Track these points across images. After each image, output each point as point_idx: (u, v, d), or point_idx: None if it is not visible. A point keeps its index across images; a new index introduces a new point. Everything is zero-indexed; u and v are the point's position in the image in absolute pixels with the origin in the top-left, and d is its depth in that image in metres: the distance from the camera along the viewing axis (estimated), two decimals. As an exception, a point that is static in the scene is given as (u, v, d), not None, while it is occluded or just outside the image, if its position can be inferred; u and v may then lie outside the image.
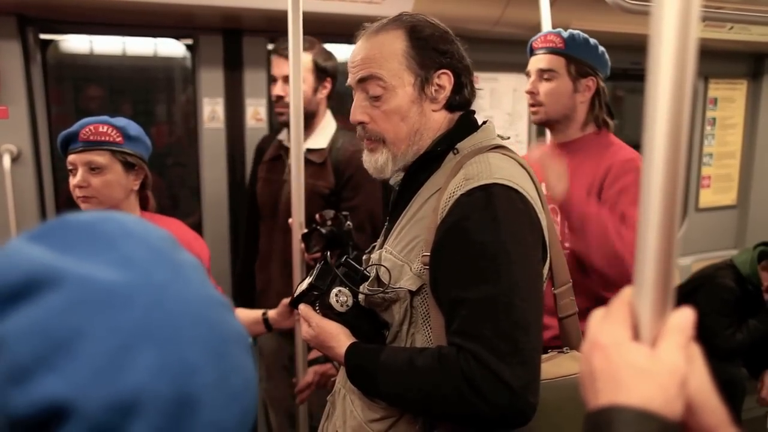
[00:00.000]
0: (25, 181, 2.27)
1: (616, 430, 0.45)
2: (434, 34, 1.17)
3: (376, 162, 1.22)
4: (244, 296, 2.44)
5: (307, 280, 1.22)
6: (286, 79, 2.12)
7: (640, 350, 0.49)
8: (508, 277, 1.03)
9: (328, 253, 1.23)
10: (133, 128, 1.66)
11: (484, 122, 1.24)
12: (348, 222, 1.58)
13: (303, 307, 1.24)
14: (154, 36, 2.66)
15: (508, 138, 1.27)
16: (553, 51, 1.84)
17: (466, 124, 1.22)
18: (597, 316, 0.53)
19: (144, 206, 1.79)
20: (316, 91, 2.18)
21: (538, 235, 1.11)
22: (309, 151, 2.16)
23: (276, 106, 2.25)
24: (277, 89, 2.18)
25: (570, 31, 1.86)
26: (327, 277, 1.19)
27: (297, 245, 1.75)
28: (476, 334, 1.02)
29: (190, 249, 1.61)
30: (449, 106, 1.20)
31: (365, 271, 1.20)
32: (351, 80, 1.21)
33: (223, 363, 0.49)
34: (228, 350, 0.50)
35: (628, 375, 0.47)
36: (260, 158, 2.40)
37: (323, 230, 1.58)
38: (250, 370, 0.52)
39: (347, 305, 1.18)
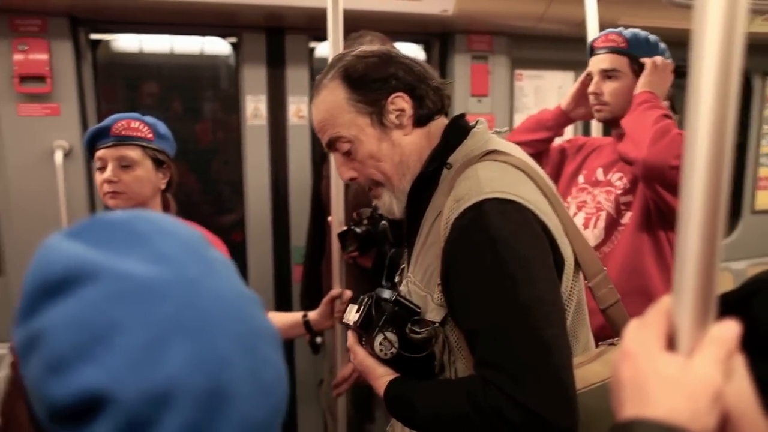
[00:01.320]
0: (76, 175, 2.34)
1: None
2: (367, 65, 1.15)
3: (384, 205, 1.22)
4: (311, 295, 2.36)
5: (354, 315, 1.16)
6: None
7: (671, 360, 0.47)
8: (515, 301, 0.99)
9: (375, 295, 1.15)
10: (162, 127, 1.67)
11: (475, 124, 1.20)
12: (384, 222, 1.56)
13: (350, 338, 1.21)
14: (200, 35, 2.71)
15: (506, 130, 1.23)
16: (615, 50, 1.83)
17: (454, 134, 1.18)
18: (632, 324, 0.51)
19: (165, 208, 1.78)
20: None
21: (543, 244, 1.05)
22: None
23: None
24: None
25: (631, 30, 1.84)
26: (373, 322, 1.13)
27: (336, 244, 1.76)
28: (497, 365, 0.98)
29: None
30: (419, 123, 1.17)
31: (414, 306, 1.14)
32: (324, 145, 1.22)
33: (254, 357, 0.49)
34: (259, 345, 0.50)
35: (655, 385, 0.45)
36: (325, 156, 2.33)
37: (358, 230, 1.58)
38: (280, 365, 0.53)
39: (391, 353, 1.13)
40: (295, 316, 1.87)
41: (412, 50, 2.99)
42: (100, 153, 1.62)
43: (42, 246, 0.50)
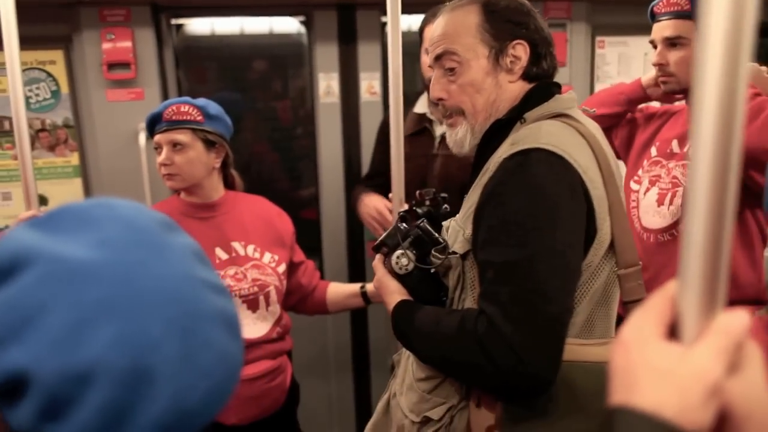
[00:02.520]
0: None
1: None
2: (509, 6, 1.19)
3: (456, 136, 1.24)
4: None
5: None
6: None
7: (666, 350, 0.44)
8: (533, 243, 1.01)
9: (405, 213, 1.26)
10: (213, 107, 1.72)
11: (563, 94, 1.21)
12: (446, 206, 1.56)
13: (376, 259, 1.32)
14: (271, 15, 2.75)
15: (593, 111, 1.21)
16: (679, 15, 1.67)
17: (539, 94, 1.19)
18: (636, 311, 0.49)
19: (230, 185, 1.86)
20: None
21: (580, 205, 1.06)
22: None
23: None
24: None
25: None
26: (396, 236, 1.25)
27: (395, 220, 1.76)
28: (496, 299, 1.01)
29: (272, 224, 1.66)
30: (527, 76, 1.20)
31: (440, 238, 1.20)
32: (429, 59, 1.24)
33: (192, 339, 0.50)
34: (198, 328, 0.51)
35: (645, 375, 0.43)
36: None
37: (419, 210, 1.57)
38: (225, 348, 0.54)
39: (406, 269, 1.22)
40: (353, 287, 1.92)
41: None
42: (156, 138, 1.72)
43: (4, 235, 0.53)
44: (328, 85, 2.69)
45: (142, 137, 2.38)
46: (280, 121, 3.02)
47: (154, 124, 1.73)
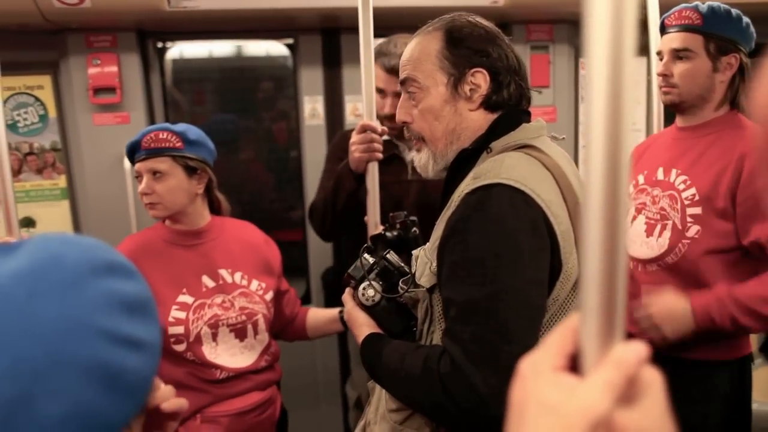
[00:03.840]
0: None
1: None
2: (472, 33, 1.17)
3: (419, 161, 1.25)
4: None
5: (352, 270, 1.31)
6: (396, 95, 1.91)
7: (556, 383, 0.44)
8: (493, 282, 1.00)
9: (372, 244, 1.28)
10: (193, 132, 1.70)
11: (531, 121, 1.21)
12: (415, 228, 1.56)
13: (346, 292, 1.33)
14: (258, 39, 2.80)
15: (563, 138, 1.22)
16: (689, 29, 1.68)
17: (505, 123, 1.18)
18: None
19: (216, 210, 1.83)
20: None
21: (543, 240, 1.04)
22: None
23: (385, 122, 2.00)
24: (388, 108, 1.97)
25: (708, 3, 1.69)
26: (361, 269, 1.27)
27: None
28: (458, 337, 1.01)
29: (260, 252, 1.65)
30: (487, 105, 1.18)
31: (406, 268, 1.23)
32: (399, 81, 1.26)
33: (37, 384, 0.49)
34: (56, 374, 0.51)
35: (533, 410, 0.43)
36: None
37: (388, 235, 1.58)
38: (90, 404, 0.52)
39: (373, 300, 1.25)
40: (331, 313, 1.91)
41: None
42: (136, 166, 1.71)
43: None
44: (313, 108, 2.72)
45: (128, 161, 2.40)
46: (266, 142, 3.05)
47: (133, 152, 1.72)
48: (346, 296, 1.33)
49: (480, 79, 1.16)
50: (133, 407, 0.57)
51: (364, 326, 1.26)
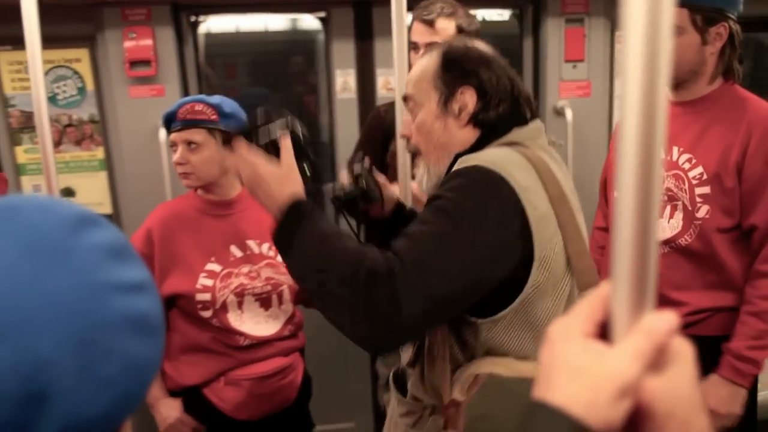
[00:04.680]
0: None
1: (530, 426, 0.43)
2: (466, 54, 1.25)
3: (418, 175, 1.32)
4: None
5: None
6: (429, 47, 2.02)
7: (585, 348, 0.45)
8: (445, 227, 1.05)
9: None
10: (228, 105, 1.74)
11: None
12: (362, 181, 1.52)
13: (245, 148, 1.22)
14: (290, 12, 2.80)
15: (561, 144, 1.28)
16: (676, 3, 1.64)
17: (493, 134, 1.23)
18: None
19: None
20: None
21: (507, 221, 1.08)
22: None
23: None
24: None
25: None
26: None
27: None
28: (404, 251, 1.04)
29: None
30: (475, 123, 1.23)
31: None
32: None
33: (89, 352, 0.49)
34: (100, 337, 0.50)
35: (560, 371, 0.45)
36: (387, 142, 2.17)
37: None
38: (133, 353, 0.53)
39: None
40: None
41: (502, 16, 2.91)
42: (172, 136, 1.75)
43: None
44: (345, 81, 2.72)
45: (162, 133, 2.45)
46: (297, 116, 3.06)
47: (169, 123, 1.77)
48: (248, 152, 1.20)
49: (468, 98, 1.22)
50: (161, 346, 0.58)
51: (293, 183, 1.16)
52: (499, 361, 1.13)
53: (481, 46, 1.28)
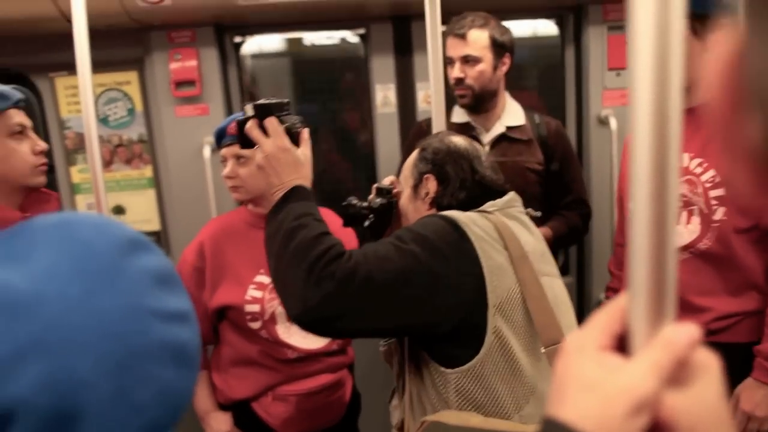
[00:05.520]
0: (222, 167, 2.59)
1: None
2: (437, 149, 1.41)
3: None
4: None
5: None
6: (464, 60, 2.12)
7: (599, 361, 0.44)
8: (399, 240, 1.19)
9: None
10: None
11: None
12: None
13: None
14: (330, 29, 2.84)
15: (537, 214, 1.42)
16: None
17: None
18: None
19: None
20: (495, 68, 2.15)
21: (456, 255, 1.19)
22: (509, 128, 2.18)
23: (456, 89, 2.18)
24: (456, 71, 2.14)
25: None
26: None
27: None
28: (358, 251, 1.18)
29: (339, 236, 1.69)
30: (438, 206, 1.38)
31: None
32: None
33: (126, 377, 0.50)
34: (138, 364, 0.51)
35: (573, 386, 0.43)
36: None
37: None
38: (167, 383, 0.53)
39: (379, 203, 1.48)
40: None
41: (543, 27, 2.88)
42: (222, 151, 1.80)
43: None
44: (385, 96, 2.74)
45: (207, 150, 2.52)
46: (340, 132, 3.10)
47: (220, 138, 1.81)
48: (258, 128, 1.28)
49: (431, 185, 1.39)
50: (195, 378, 0.58)
51: (305, 172, 1.29)
52: (457, 414, 1.17)
53: (457, 141, 1.43)
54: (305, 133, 1.33)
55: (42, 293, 0.49)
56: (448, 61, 2.15)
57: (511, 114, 2.23)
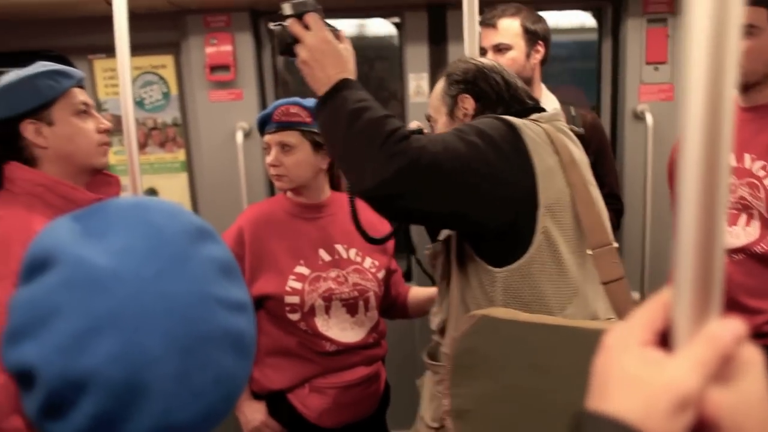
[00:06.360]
0: (255, 153, 2.62)
1: None
2: (464, 70, 1.41)
3: None
4: None
5: None
6: (495, 48, 2.12)
7: (643, 356, 0.43)
8: (462, 132, 1.20)
9: None
10: None
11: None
12: None
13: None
14: (365, 17, 2.83)
15: (581, 131, 1.43)
16: (753, 1, 1.56)
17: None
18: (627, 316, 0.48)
19: (336, 185, 1.89)
20: (528, 56, 2.13)
21: (512, 152, 1.22)
22: None
23: None
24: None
25: None
26: None
27: None
28: (423, 136, 1.20)
29: (375, 230, 1.70)
30: None
31: None
32: None
33: (191, 359, 0.52)
34: (202, 348, 0.53)
35: (616, 380, 0.42)
36: None
37: None
38: (226, 371, 0.55)
39: None
40: (432, 291, 1.91)
41: (579, 18, 2.84)
42: (266, 138, 1.77)
43: (47, 226, 0.56)
44: (418, 85, 2.73)
45: (240, 135, 2.54)
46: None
47: (263, 125, 1.78)
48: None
49: (467, 103, 1.39)
50: (250, 368, 0.60)
51: (350, 66, 1.27)
52: (505, 310, 1.20)
53: (478, 59, 1.46)
54: (343, 32, 1.32)
55: (118, 271, 0.51)
56: (482, 52, 2.14)
57: (547, 106, 2.20)
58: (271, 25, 1.32)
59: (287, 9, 1.28)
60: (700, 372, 0.41)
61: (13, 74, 1.44)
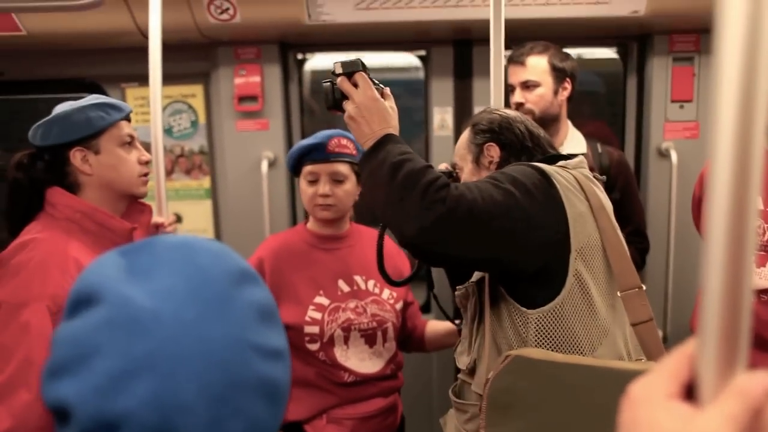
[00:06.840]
0: (279, 182, 2.65)
1: None
2: (489, 120, 1.47)
3: None
4: None
5: None
6: (524, 85, 2.15)
7: (673, 410, 0.42)
8: (496, 180, 1.24)
9: None
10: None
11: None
12: None
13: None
14: (391, 50, 2.87)
15: (603, 178, 1.43)
16: None
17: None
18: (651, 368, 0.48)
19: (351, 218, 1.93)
20: (556, 92, 2.16)
21: (545, 199, 1.24)
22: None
23: None
24: (516, 97, 2.18)
25: None
26: None
27: None
28: (459, 185, 1.23)
29: (392, 262, 1.73)
30: None
31: None
32: None
33: (223, 407, 0.51)
34: (234, 395, 0.52)
35: None
36: None
37: None
38: (258, 418, 0.54)
39: None
40: (450, 326, 1.91)
41: (603, 55, 2.85)
42: (312, 167, 1.78)
43: (95, 260, 0.57)
44: (442, 119, 2.75)
45: (265, 164, 2.57)
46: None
47: (310, 154, 1.79)
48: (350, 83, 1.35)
49: (493, 151, 1.44)
50: (282, 416, 0.59)
51: (393, 122, 1.34)
52: (538, 350, 1.23)
53: (502, 110, 1.51)
54: (388, 90, 1.41)
55: (159, 312, 0.51)
56: (509, 89, 2.16)
57: (573, 142, 2.21)
58: (323, 82, 1.38)
59: (338, 67, 1.37)
60: (731, 427, 0.40)
61: (68, 104, 1.51)
